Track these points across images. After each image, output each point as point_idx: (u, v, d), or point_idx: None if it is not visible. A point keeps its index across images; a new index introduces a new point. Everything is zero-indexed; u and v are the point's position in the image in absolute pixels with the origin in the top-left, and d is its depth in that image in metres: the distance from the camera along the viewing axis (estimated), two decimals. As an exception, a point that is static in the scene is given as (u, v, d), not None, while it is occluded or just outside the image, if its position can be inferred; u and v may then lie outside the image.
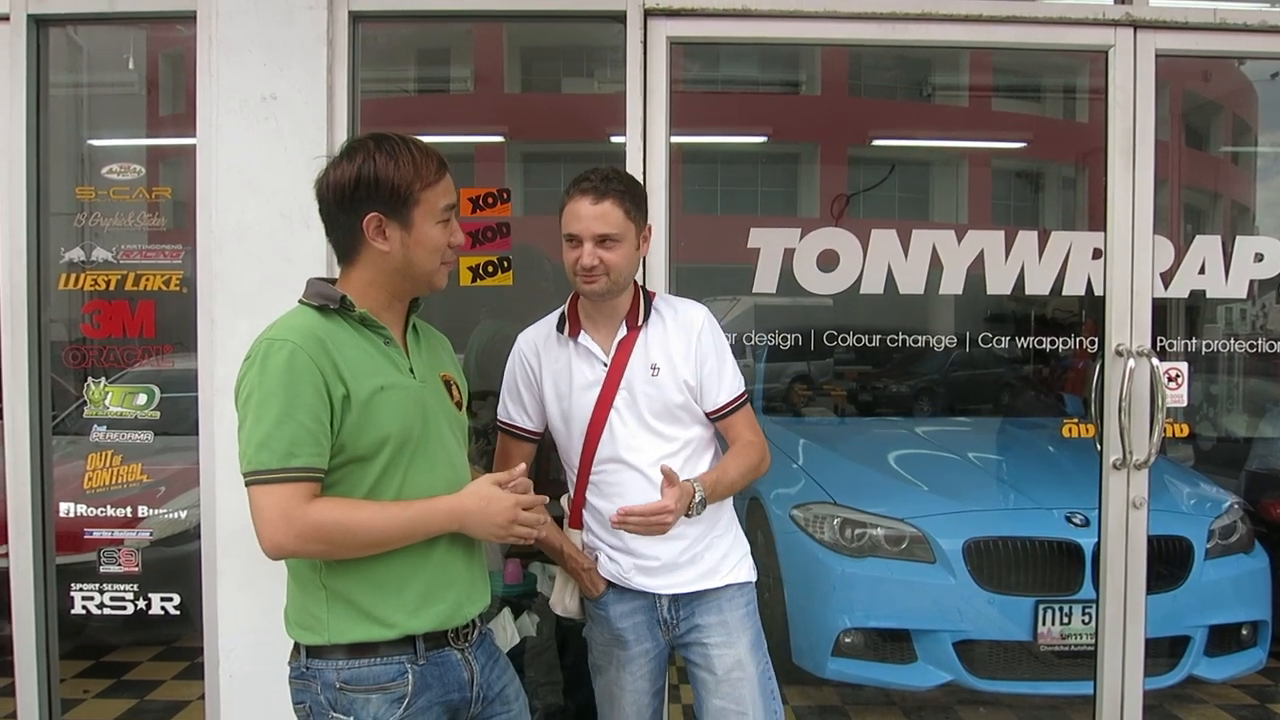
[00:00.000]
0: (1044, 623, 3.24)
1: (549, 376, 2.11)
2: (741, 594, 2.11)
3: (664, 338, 2.08)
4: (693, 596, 2.07)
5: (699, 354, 2.07)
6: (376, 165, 1.61)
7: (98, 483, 2.79)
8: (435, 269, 1.70)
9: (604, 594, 2.11)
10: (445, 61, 6.68)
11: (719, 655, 2.05)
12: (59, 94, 2.86)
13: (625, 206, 1.99)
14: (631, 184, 2.05)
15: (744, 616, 2.09)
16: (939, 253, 2.85)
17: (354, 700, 1.60)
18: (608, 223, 1.97)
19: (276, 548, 1.54)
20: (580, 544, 2.14)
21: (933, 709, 3.59)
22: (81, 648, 3.55)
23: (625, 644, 2.11)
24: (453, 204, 1.70)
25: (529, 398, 2.15)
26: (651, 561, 2.05)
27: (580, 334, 2.09)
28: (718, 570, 2.08)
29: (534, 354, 2.14)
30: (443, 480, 1.69)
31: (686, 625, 2.08)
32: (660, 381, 2.04)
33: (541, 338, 2.16)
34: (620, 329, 2.08)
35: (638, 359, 2.05)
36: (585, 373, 2.07)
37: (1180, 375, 2.79)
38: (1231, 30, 2.76)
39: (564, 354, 2.11)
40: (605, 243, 1.97)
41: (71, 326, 2.88)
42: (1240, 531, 3.59)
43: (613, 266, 1.98)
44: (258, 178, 2.58)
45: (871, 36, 2.73)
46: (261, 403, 1.53)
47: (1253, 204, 6.82)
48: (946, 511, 3.51)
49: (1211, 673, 3.45)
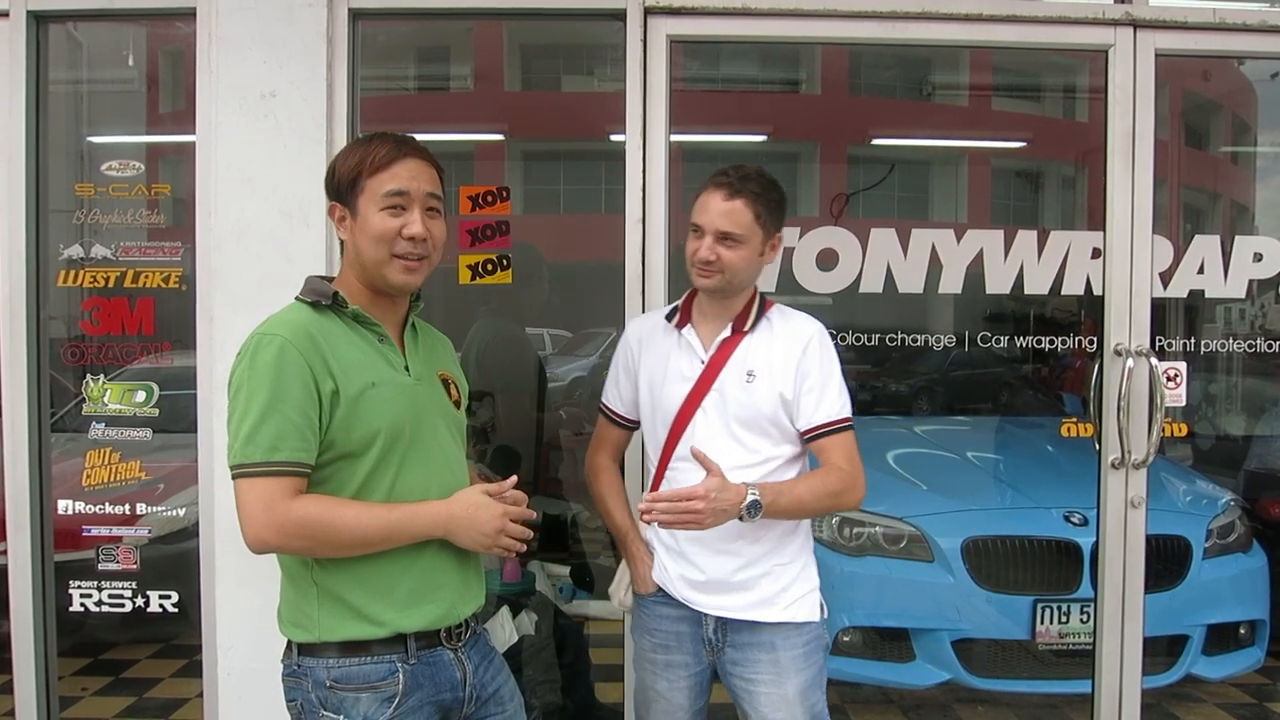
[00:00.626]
0: (1042, 622, 3.24)
1: (647, 364, 2.08)
2: (800, 634, 1.97)
3: (767, 346, 2.00)
4: (743, 625, 1.97)
5: (801, 368, 1.96)
6: (336, 158, 1.67)
7: (96, 480, 2.78)
8: (383, 259, 1.64)
9: (652, 595, 2.06)
10: (445, 59, 6.68)
11: (765, 695, 1.94)
12: (58, 90, 2.86)
13: (756, 209, 1.93)
14: (769, 188, 1.96)
15: (799, 657, 1.96)
16: (938, 252, 2.84)
17: (344, 699, 1.59)
18: (734, 221, 1.92)
19: (259, 541, 1.54)
20: (647, 538, 2.11)
21: (931, 708, 3.59)
22: (80, 645, 3.55)
23: (667, 649, 2.04)
24: (401, 190, 1.62)
25: (626, 384, 2.13)
26: (697, 574, 1.97)
27: (687, 327, 2.05)
28: (774, 603, 1.96)
29: (638, 341, 2.12)
30: (437, 480, 1.68)
31: (733, 654, 1.98)
32: (753, 389, 1.96)
33: (650, 326, 2.14)
34: (725, 330, 2.02)
35: (736, 363, 1.98)
36: (682, 366, 2.02)
37: (1179, 375, 2.79)
38: (1231, 30, 2.76)
39: (667, 343, 2.07)
40: (727, 240, 1.92)
41: (70, 323, 2.88)
42: (1238, 531, 3.59)
43: (729, 266, 1.93)
44: (257, 175, 2.58)
45: (871, 35, 2.73)
46: (249, 396, 1.53)
47: (1252, 204, 6.82)
48: (945, 510, 3.51)
49: (1209, 672, 3.45)
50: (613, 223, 2.71)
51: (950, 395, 5.05)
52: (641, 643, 2.10)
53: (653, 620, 2.07)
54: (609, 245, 2.73)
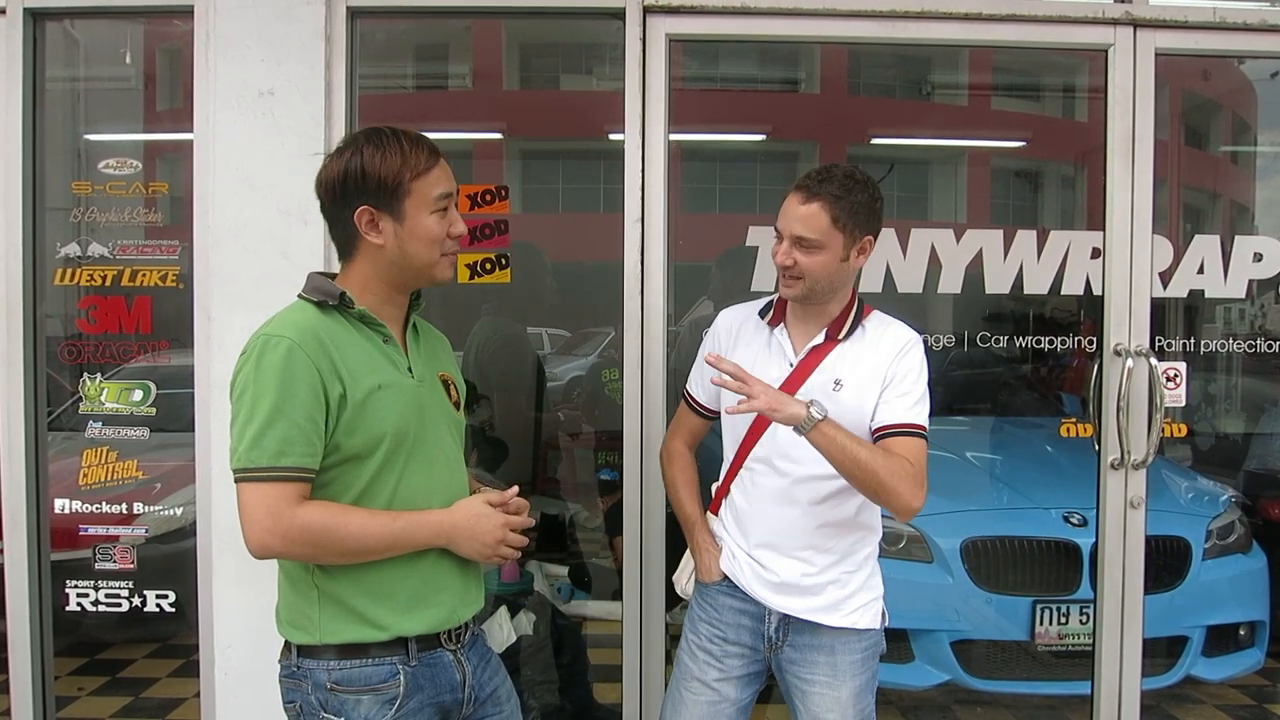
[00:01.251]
0: (1042, 622, 3.24)
1: (734, 358, 2.00)
2: (860, 640, 1.98)
3: (859, 354, 1.96)
4: (806, 626, 1.97)
5: (889, 374, 1.92)
6: (364, 158, 1.61)
7: (93, 479, 2.78)
8: (435, 260, 1.67)
9: (717, 584, 2.05)
10: (444, 58, 6.66)
11: (818, 695, 1.96)
12: (55, 88, 2.85)
13: (834, 212, 1.86)
14: (853, 189, 1.89)
15: (857, 662, 1.97)
16: (937, 251, 2.84)
17: (345, 701, 1.58)
18: (809, 226, 1.86)
19: (262, 547, 1.53)
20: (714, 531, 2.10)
21: (930, 709, 3.59)
22: (76, 645, 3.53)
23: (725, 640, 2.03)
24: (448, 193, 1.67)
25: (712, 374, 2.09)
26: (771, 575, 1.97)
27: (780, 326, 2.02)
28: (838, 608, 1.96)
29: (729, 333, 2.09)
30: (440, 482, 1.68)
31: (792, 654, 1.99)
32: (840, 398, 1.91)
33: (741, 319, 2.10)
34: (819, 335, 1.98)
35: (825, 370, 1.94)
36: (770, 366, 1.99)
37: (1178, 375, 2.78)
38: (1231, 29, 2.75)
39: (758, 339, 2.05)
40: (803, 245, 1.87)
41: (67, 322, 2.87)
42: (1238, 531, 3.59)
43: (808, 272, 1.88)
44: (255, 173, 2.57)
45: (871, 34, 2.72)
46: (255, 399, 1.52)
47: (1252, 203, 6.82)
48: (944, 511, 3.50)
49: (1209, 673, 3.45)
50: (611, 222, 2.70)
51: (949, 395, 5.04)
52: (698, 631, 2.07)
53: (715, 609, 2.05)
54: (608, 245, 2.72)
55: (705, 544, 2.08)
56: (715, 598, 2.06)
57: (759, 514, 2.00)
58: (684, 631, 2.13)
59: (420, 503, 1.64)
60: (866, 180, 1.93)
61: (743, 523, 2.02)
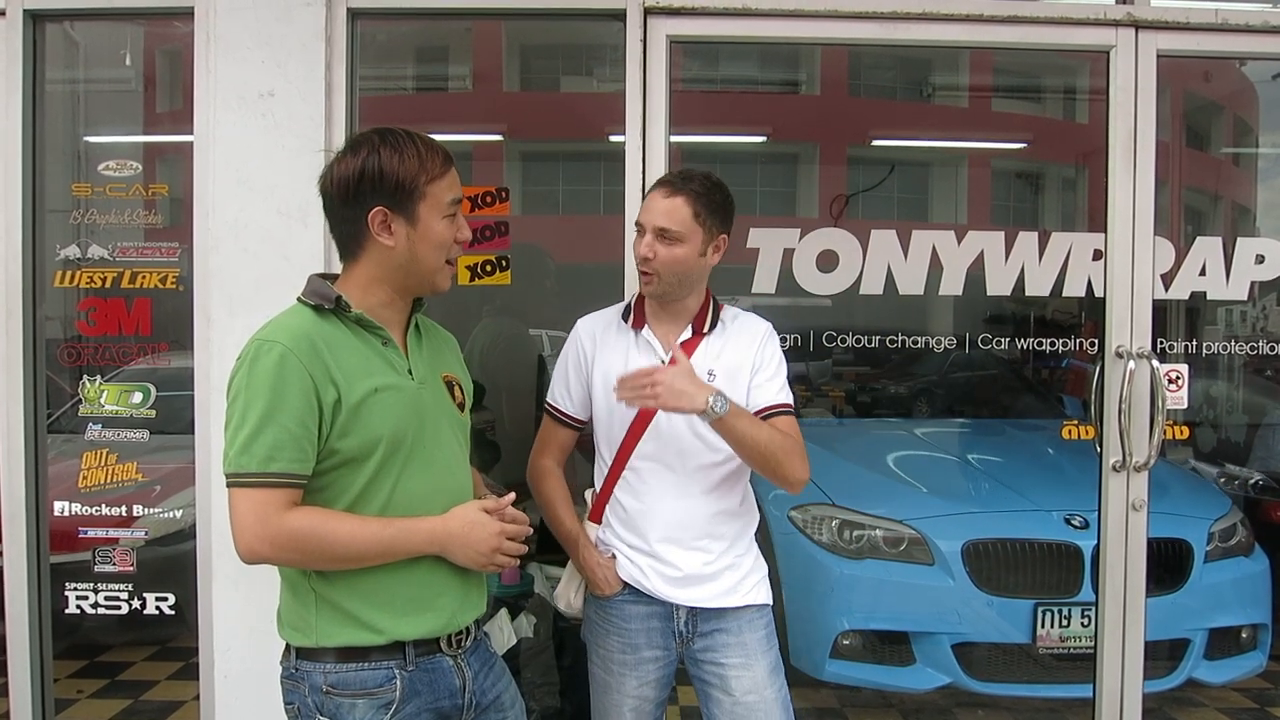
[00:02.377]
0: (1043, 625, 3.23)
1: (602, 363, 2.08)
2: (760, 616, 2.06)
3: (724, 346, 2.05)
4: (712, 614, 2.03)
5: (755, 362, 2.04)
6: (381, 159, 1.59)
7: (92, 481, 2.77)
8: (439, 266, 1.68)
9: (618, 594, 2.07)
10: (444, 59, 6.67)
11: (736, 677, 2.00)
12: (55, 90, 2.85)
13: (695, 207, 1.95)
14: (713, 189, 1.99)
15: (762, 639, 2.04)
16: (939, 253, 2.83)
17: (340, 704, 1.58)
18: (672, 218, 1.94)
19: (251, 553, 1.53)
20: (594, 539, 2.11)
21: (931, 711, 3.58)
22: (75, 647, 3.54)
23: (636, 648, 2.06)
24: (459, 198, 1.68)
25: (576, 383, 2.13)
26: (674, 570, 2.01)
27: (645, 327, 2.07)
28: (737, 589, 2.03)
29: (590, 340, 2.12)
30: (440, 485, 1.67)
31: (703, 642, 2.04)
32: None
33: (603, 325, 2.14)
34: (685, 331, 2.05)
35: (697, 363, 1.99)
36: (642, 363, 2.02)
37: (1180, 377, 2.78)
38: (1233, 31, 2.75)
39: (623, 343, 2.08)
40: (665, 237, 1.95)
41: (67, 324, 2.87)
42: (1240, 534, 3.58)
43: (665, 265, 1.96)
44: (255, 175, 2.57)
45: (872, 36, 2.72)
46: (247, 404, 1.51)
47: (1254, 205, 6.82)
48: (945, 513, 3.50)
49: (1211, 676, 3.44)
50: (612, 224, 2.70)
51: (950, 397, 5.04)
52: (607, 644, 2.10)
53: (621, 619, 2.07)
54: (608, 246, 2.71)
55: (595, 558, 2.09)
56: (619, 608, 2.07)
57: (655, 511, 2.02)
58: (589, 645, 2.16)
59: (419, 505, 1.63)
60: (723, 184, 2.04)
61: (636, 524, 2.04)
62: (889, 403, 5.17)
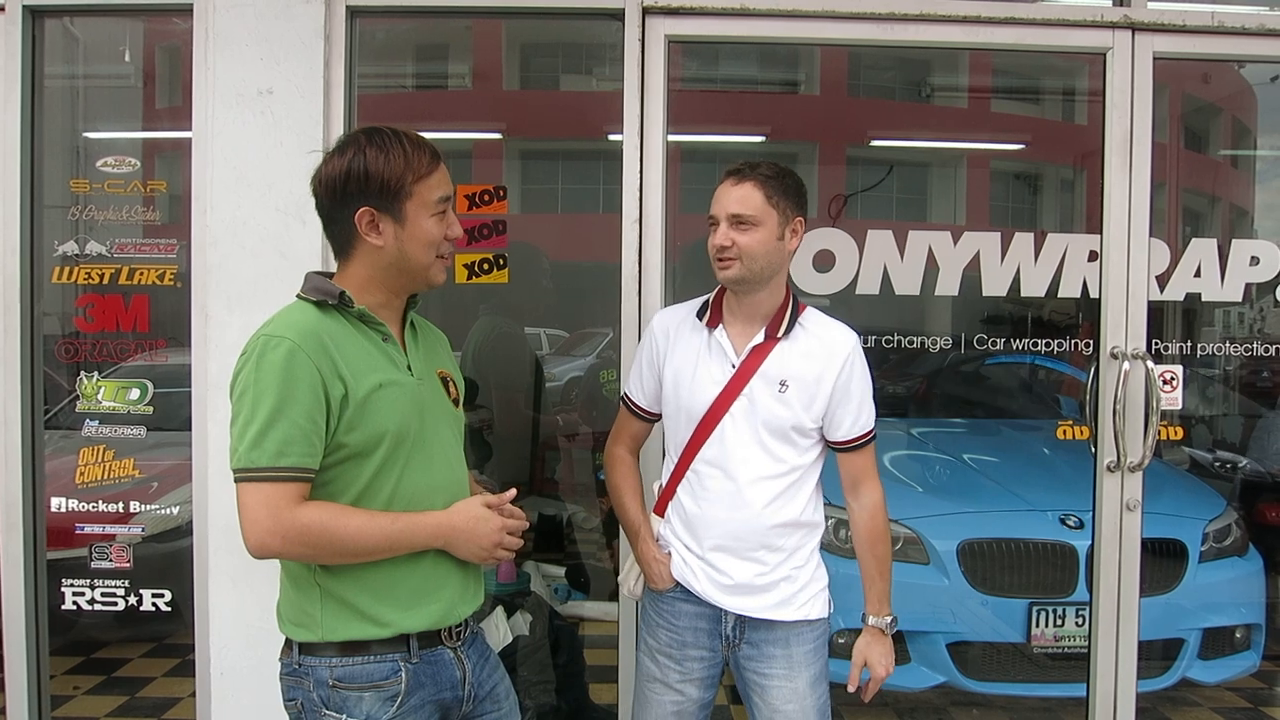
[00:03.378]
0: (1038, 625, 3.24)
1: (674, 361, 2.05)
2: (812, 630, 2.03)
3: (803, 356, 1.99)
4: (761, 624, 2.01)
5: (838, 383, 1.98)
6: (367, 159, 1.60)
7: (90, 478, 2.78)
8: (430, 263, 1.68)
9: (670, 590, 2.06)
10: (444, 58, 6.67)
11: (777, 688, 2.00)
12: (54, 86, 2.85)
13: (766, 191, 1.94)
14: (781, 174, 1.97)
15: (810, 652, 2.02)
16: (935, 254, 2.84)
17: (347, 698, 1.59)
18: (744, 204, 1.93)
19: (261, 547, 1.53)
20: (656, 533, 2.10)
21: (926, 710, 3.59)
22: (72, 644, 3.54)
23: (683, 645, 2.05)
24: (447, 196, 1.68)
25: (650, 377, 2.11)
26: (725, 578, 1.99)
27: (719, 327, 2.04)
28: (791, 602, 2.01)
29: (665, 336, 2.10)
30: (440, 479, 1.69)
31: (749, 650, 2.03)
32: (787, 400, 1.96)
33: (677, 320, 2.11)
34: (758, 334, 2.00)
35: (768, 370, 1.97)
36: (712, 368, 2.00)
37: (1175, 378, 2.79)
38: (1229, 34, 2.75)
39: (696, 341, 2.05)
40: (740, 225, 1.93)
41: (65, 320, 2.87)
42: (1234, 535, 3.59)
43: (745, 250, 1.92)
44: (253, 172, 2.58)
45: (869, 37, 2.73)
46: (256, 400, 1.52)
47: (1251, 207, 6.83)
48: (941, 513, 3.51)
49: (1205, 675, 3.45)
50: (611, 222, 2.71)
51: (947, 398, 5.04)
52: (655, 637, 2.09)
53: (672, 615, 2.07)
54: (607, 245, 2.72)
55: (652, 553, 2.08)
56: (670, 604, 2.07)
57: (711, 518, 2.00)
58: (640, 634, 2.16)
59: (421, 500, 1.65)
60: (791, 170, 2.02)
61: (693, 527, 2.02)
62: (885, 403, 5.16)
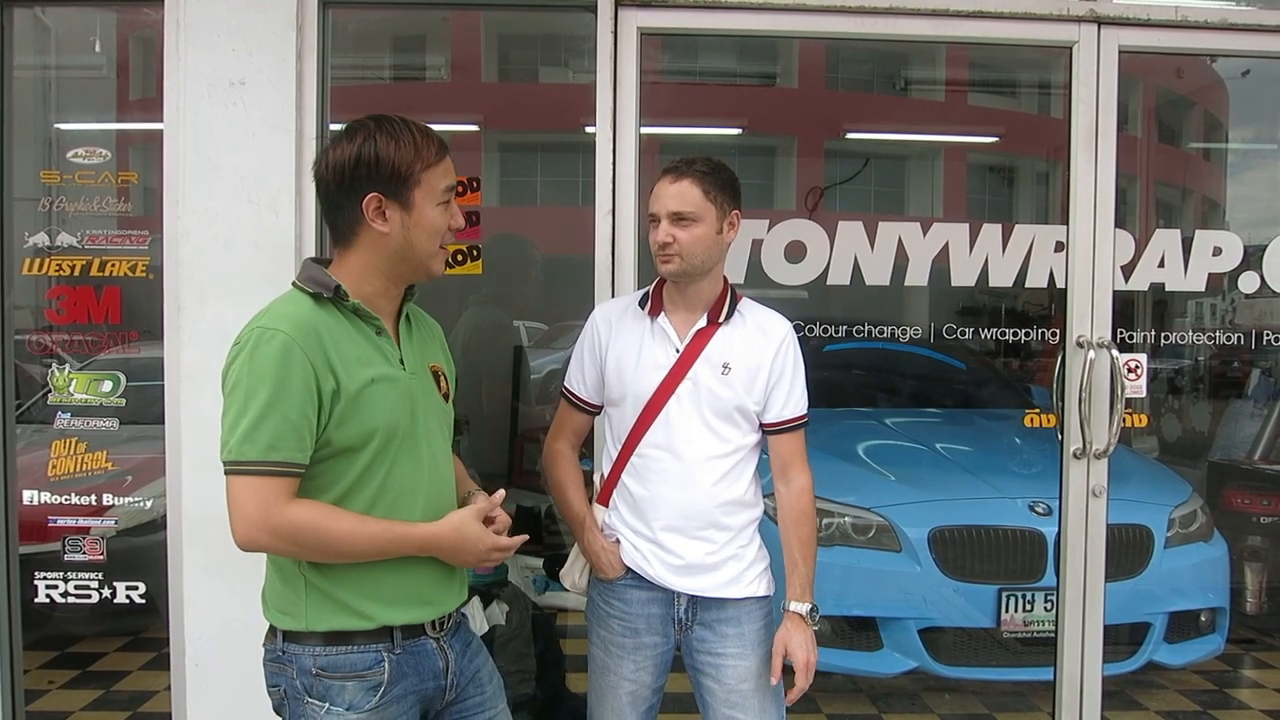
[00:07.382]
0: (1007, 610, 3.30)
1: (616, 348, 2.09)
2: (760, 608, 2.08)
3: (743, 340, 2.06)
4: (713, 603, 2.05)
5: (774, 365, 2.05)
6: (378, 145, 1.59)
7: (62, 470, 2.76)
8: (434, 252, 1.68)
9: (621, 578, 2.09)
10: (421, 49, 6.64)
11: (732, 667, 2.04)
12: (25, 76, 2.83)
13: (704, 186, 1.98)
14: (716, 169, 2.03)
15: (760, 629, 2.07)
16: (905, 245, 2.87)
17: (330, 686, 1.60)
18: (684, 201, 1.97)
19: (249, 541, 1.53)
20: (600, 523, 2.13)
21: (899, 696, 3.64)
22: (47, 638, 3.53)
23: (636, 633, 2.08)
24: (453, 186, 1.69)
25: (591, 368, 2.14)
26: (676, 559, 2.03)
27: (660, 315, 2.08)
28: (740, 580, 2.05)
29: (606, 325, 2.13)
30: (426, 476, 1.69)
31: (701, 631, 2.06)
32: (730, 381, 2.02)
33: (619, 310, 2.15)
34: (700, 319, 2.06)
35: (712, 353, 2.03)
36: (656, 354, 2.05)
37: (1139, 366, 2.84)
38: (1193, 28, 2.79)
39: (638, 329, 2.09)
40: (681, 221, 1.98)
41: (36, 313, 2.85)
42: (1200, 520, 3.66)
43: (686, 246, 1.97)
44: (225, 164, 2.56)
45: (841, 29, 2.75)
46: (249, 393, 1.51)
47: (1223, 199, 6.93)
48: (912, 501, 3.55)
49: (1171, 659, 3.53)
50: (590, 215, 2.72)
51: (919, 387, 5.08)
52: (608, 628, 2.11)
53: (623, 603, 2.09)
54: (587, 238, 2.73)
55: (600, 543, 2.11)
56: (621, 592, 2.09)
57: (660, 499, 2.03)
58: (590, 626, 2.17)
59: (407, 494, 1.65)
60: (725, 164, 2.07)
61: (642, 511, 2.05)
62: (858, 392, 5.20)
